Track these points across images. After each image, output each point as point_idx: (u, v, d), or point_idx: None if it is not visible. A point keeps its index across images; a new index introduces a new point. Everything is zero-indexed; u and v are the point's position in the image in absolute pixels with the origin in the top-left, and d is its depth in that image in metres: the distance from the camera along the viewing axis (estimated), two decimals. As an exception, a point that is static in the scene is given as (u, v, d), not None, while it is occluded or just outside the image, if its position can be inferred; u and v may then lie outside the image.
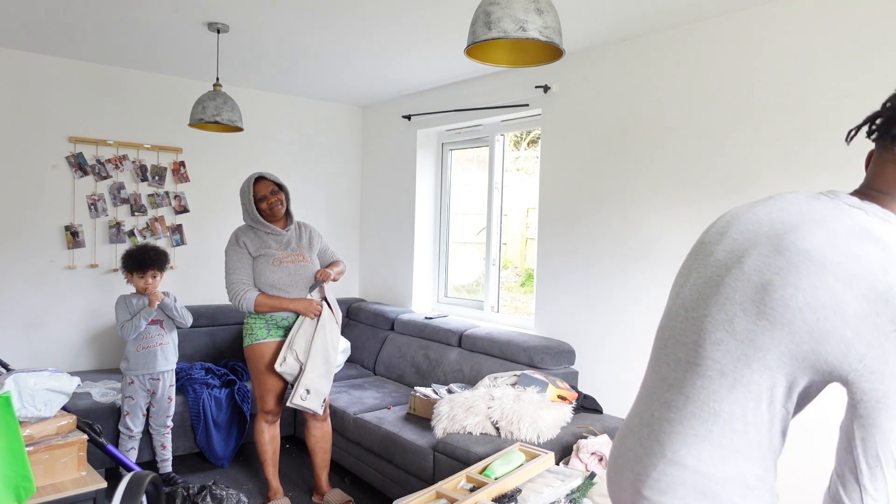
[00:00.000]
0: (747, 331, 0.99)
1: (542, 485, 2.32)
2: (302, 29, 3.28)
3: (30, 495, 1.84)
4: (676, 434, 1.05)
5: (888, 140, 1.03)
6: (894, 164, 1.03)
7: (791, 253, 0.98)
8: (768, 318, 0.97)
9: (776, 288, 0.97)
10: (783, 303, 0.96)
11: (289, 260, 3.11)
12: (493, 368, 3.50)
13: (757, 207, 1.11)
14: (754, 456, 1.02)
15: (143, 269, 3.27)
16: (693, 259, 1.17)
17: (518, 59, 2.10)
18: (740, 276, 1.03)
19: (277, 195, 3.09)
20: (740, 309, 1.01)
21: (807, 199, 1.07)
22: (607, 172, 3.40)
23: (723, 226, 1.15)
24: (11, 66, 3.80)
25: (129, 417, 3.31)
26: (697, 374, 1.05)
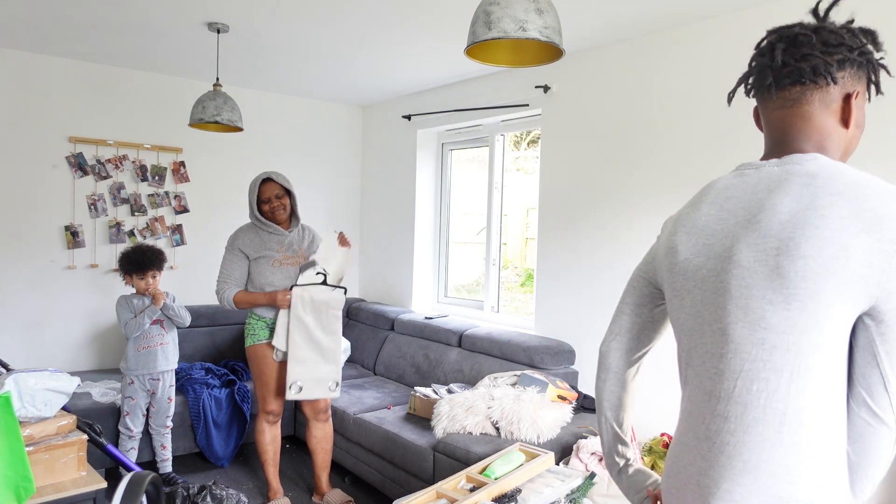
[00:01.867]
0: (784, 319, 0.98)
1: (542, 485, 2.32)
2: (302, 29, 3.28)
3: (30, 495, 1.84)
4: (743, 444, 1.01)
5: (765, 91, 1.10)
6: (781, 109, 1.09)
7: (777, 230, 0.99)
8: (798, 299, 0.96)
9: (787, 268, 0.96)
10: (802, 276, 0.95)
11: (289, 262, 3.10)
12: (493, 368, 3.50)
13: (701, 207, 1.12)
14: (829, 445, 1.00)
15: (143, 270, 3.27)
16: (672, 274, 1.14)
17: (518, 59, 2.10)
18: (743, 272, 1.02)
19: (282, 199, 3.07)
20: (765, 302, 0.99)
21: (739, 181, 1.10)
22: (607, 172, 3.40)
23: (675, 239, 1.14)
24: (11, 66, 3.80)
25: (129, 417, 3.31)
26: (750, 378, 1.01)
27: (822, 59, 1.04)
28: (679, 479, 1.11)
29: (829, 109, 1.07)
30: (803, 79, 1.06)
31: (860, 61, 1.06)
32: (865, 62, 1.07)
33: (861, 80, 1.08)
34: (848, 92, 1.07)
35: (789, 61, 1.06)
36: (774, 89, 1.08)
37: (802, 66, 1.05)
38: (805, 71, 1.05)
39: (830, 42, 1.05)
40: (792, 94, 1.08)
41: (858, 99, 1.08)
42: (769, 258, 0.98)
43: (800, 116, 1.08)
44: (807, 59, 1.05)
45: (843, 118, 1.08)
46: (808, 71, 1.05)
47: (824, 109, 1.07)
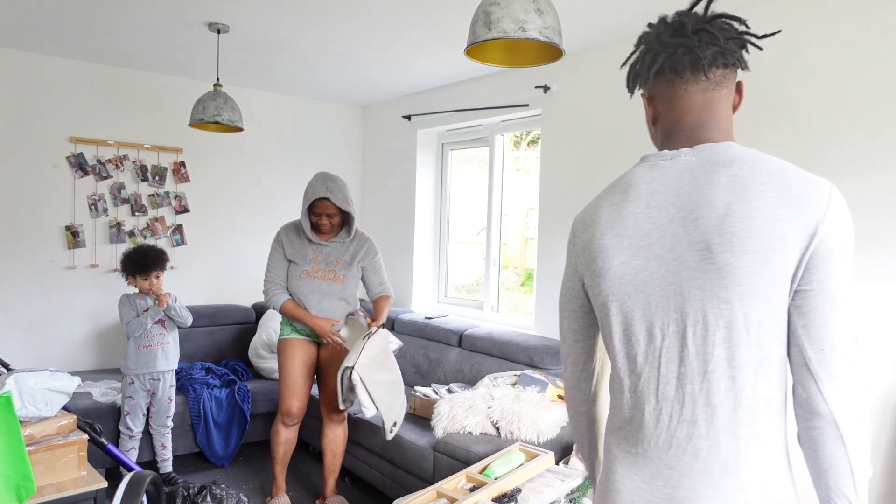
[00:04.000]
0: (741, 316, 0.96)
1: (542, 484, 2.32)
2: (302, 29, 3.28)
3: (30, 495, 1.85)
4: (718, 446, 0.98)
5: (689, 71, 1.05)
6: (703, 92, 1.05)
7: (716, 226, 0.97)
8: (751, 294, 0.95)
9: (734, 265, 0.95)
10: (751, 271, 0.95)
11: (318, 275, 3.03)
12: (493, 368, 3.50)
13: (625, 206, 1.06)
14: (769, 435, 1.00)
15: (147, 270, 3.27)
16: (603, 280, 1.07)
17: (518, 60, 2.11)
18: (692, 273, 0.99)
19: (332, 219, 2.96)
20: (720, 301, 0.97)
21: (656, 174, 1.06)
22: (607, 172, 3.40)
23: (604, 242, 1.08)
24: (11, 66, 3.81)
25: (130, 417, 3.31)
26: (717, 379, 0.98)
27: (739, 41, 1.04)
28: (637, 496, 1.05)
29: (730, 95, 1.08)
30: (729, 60, 1.04)
31: (741, 44, 1.07)
32: (743, 46, 1.07)
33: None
34: (739, 79, 1.09)
35: (716, 41, 1.03)
36: (706, 68, 1.03)
37: (732, 47, 1.04)
38: (731, 52, 1.04)
39: (735, 27, 1.06)
40: (716, 76, 1.05)
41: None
42: (714, 256, 0.97)
43: (717, 100, 1.06)
44: (733, 40, 1.04)
45: (735, 104, 1.10)
46: (733, 52, 1.04)
47: (728, 95, 1.08)
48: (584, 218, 1.14)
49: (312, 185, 2.93)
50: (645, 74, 1.10)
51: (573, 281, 1.17)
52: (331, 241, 3.06)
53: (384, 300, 3.17)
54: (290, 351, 3.05)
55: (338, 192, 2.91)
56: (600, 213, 1.10)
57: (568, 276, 1.19)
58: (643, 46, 1.11)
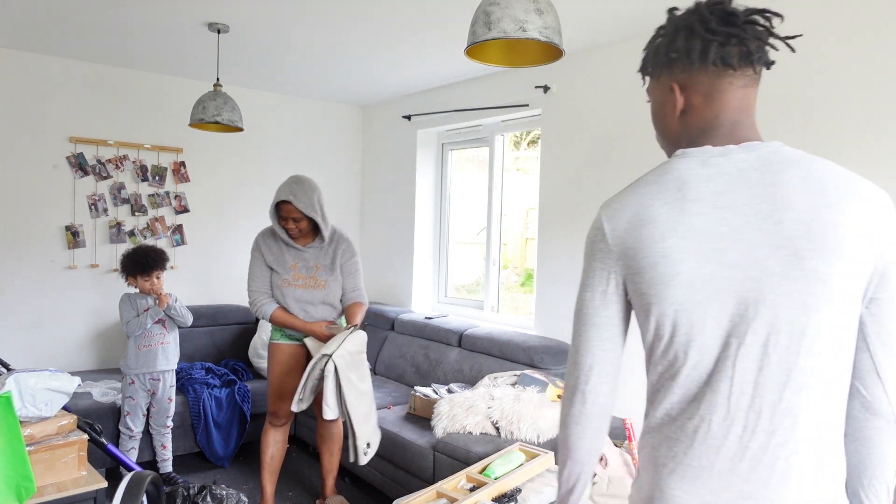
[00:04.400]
0: (828, 325, 0.94)
1: (542, 484, 2.32)
2: (302, 29, 3.28)
3: (30, 495, 1.85)
4: (796, 454, 0.95)
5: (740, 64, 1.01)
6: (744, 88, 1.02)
7: (802, 231, 0.93)
8: (836, 303, 0.93)
9: (825, 272, 0.92)
10: (841, 279, 0.92)
11: (299, 283, 2.92)
12: (493, 368, 3.50)
13: (687, 206, 0.97)
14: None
15: (147, 271, 3.27)
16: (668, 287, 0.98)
17: (518, 60, 2.11)
18: (777, 280, 0.93)
19: (299, 224, 2.85)
20: (807, 309, 0.93)
21: (712, 171, 0.99)
22: (607, 172, 3.40)
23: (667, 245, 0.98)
24: (11, 66, 3.81)
25: (130, 417, 3.31)
26: (797, 388, 0.94)
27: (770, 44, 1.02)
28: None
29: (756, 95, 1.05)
30: (765, 59, 1.02)
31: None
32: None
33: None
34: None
35: (763, 36, 1.00)
36: (755, 63, 1.00)
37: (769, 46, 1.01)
38: (761, 51, 1.01)
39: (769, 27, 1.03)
40: (757, 72, 1.02)
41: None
42: (804, 262, 0.92)
43: (752, 97, 1.04)
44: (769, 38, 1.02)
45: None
46: (766, 53, 1.02)
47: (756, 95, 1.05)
48: (628, 217, 1.02)
49: (280, 187, 2.84)
50: (689, 61, 1.02)
51: (607, 284, 1.06)
52: (309, 247, 2.95)
53: (357, 307, 2.99)
54: (278, 355, 2.98)
55: (302, 195, 2.78)
56: (654, 213, 0.99)
57: (598, 280, 1.06)
58: (683, 31, 1.03)
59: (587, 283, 1.08)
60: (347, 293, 3.02)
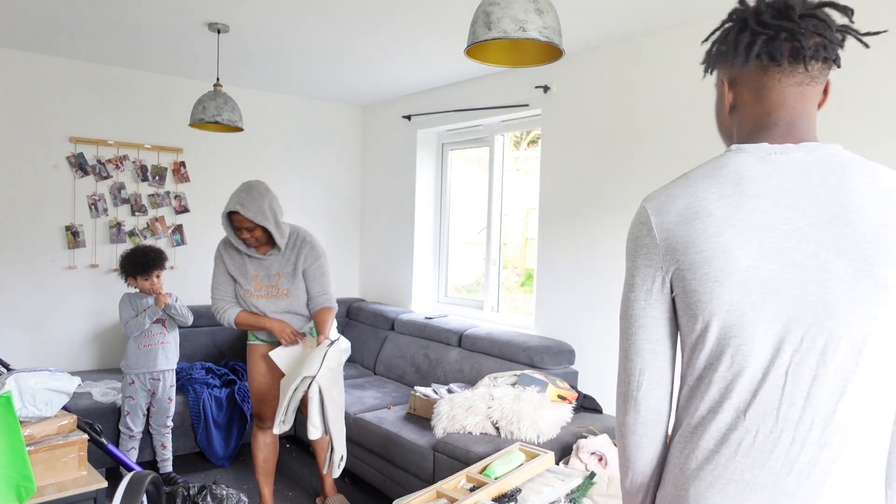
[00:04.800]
0: (888, 335, 0.90)
1: (542, 484, 2.32)
2: (302, 29, 3.28)
3: (31, 495, 1.85)
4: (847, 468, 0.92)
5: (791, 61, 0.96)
6: (798, 85, 0.97)
7: (872, 235, 0.89)
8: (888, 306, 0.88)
9: (886, 278, 0.88)
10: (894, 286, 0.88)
11: (261, 293, 2.83)
12: (493, 368, 3.50)
13: (747, 201, 0.93)
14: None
15: (147, 271, 3.27)
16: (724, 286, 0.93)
17: (518, 60, 2.11)
18: (842, 284, 0.90)
19: (253, 233, 2.74)
20: (871, 318, 0.89)
21: (772, 168, 0.95)
22: (607, 172, 3.40)
23: (724, 241, 0.93)
24: (11, 66, 3.81)
25: (130, 417, 3.31)
26: (852, 401, 0.91)
27: (836, 39, 0.95)
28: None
29: (819, 94, 0.99)
30: (829, 55, 0.94)
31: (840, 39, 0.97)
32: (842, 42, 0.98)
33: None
34: (828, 79, 0.99)
35: (823, 32, 0.93)
36: (807, 60, 0.94)
37: (832, 42, 0.94)
38: (836, 46, 0.94)
39: (832, 22, 0.95)
40: (813, 69, 0.95)
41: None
42: (872, 268, 0.88)
43: (811, 97, 0.97)
44: (833, 34, 0.94)
45: (819, 104, 1.00)
46: (833, 48, 0.94)
47: (819, 93, 0.99)
48: (679, 209, 0.96)
49: (230, 196, 2.74)
50: (735, 55, 0.98)
51: (653, 283, 0.99)
52: (270, 254, 2.83)
53: (325, 312, 2.87)
54: (255, 356, 2.93)
55: (250, 204, 2.66)
56: (710, 206, 0.93)
57: (644, 278, 1.00)
58: (735, 24, 0.99)
59: (632, 282, 1.02)
60: (313, 298, 2.89)
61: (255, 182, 2.77)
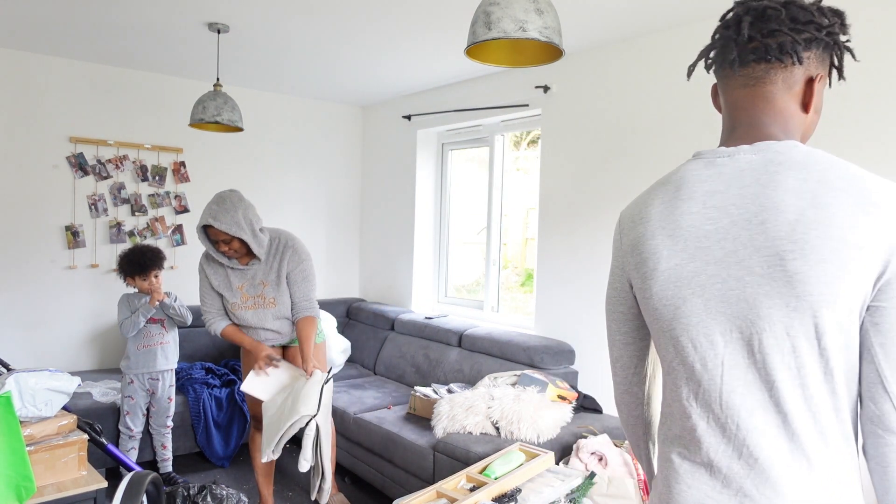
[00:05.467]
0: (807, 325, 0.92)
1: (542, 484, 2.32)
2: (302, 29, 3.28)
3: (31, 495, 1.85)
4: (791, 452, 0.94)
5: (728, 67, 1.03)
6: (743, 87, 1.02)
7: (787, 231, 0.92)
8: (820, 304, 0.91)
9: (806, 273, 0.91)
10: (823, 281, 0.90)
11: (247, 305, 2.79)
12: (493, 368, 3.50)
13: (679, 205, 1.01)
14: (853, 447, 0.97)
15: (145, 270, 3.27)
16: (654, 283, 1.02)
17: (518, 60, 2.11)
18: (759, 280, 0.94)
19: (230, 245, 2.67)
20: (790, 310, 0.92)
21: (713, 171, 1.00)
22: (607, 172, 3.41)
23: (655, 243, 1.02)
24: (11, 66, 3.81)
25: (129, 417, 3.31)
26: (785, 387, 0.94)
27: (790, 37, 0.97)
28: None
29: (791, 92, 1.01)
30: (769, 56, 0.99)
31: (827, 42, 1.00)
32: (832, 44, 1.00)
33: (824, 63, 1.02)
34: (811, 75, 1.01)
35: (755, 36, 0.99)
36: (738, 65, 1.01)
37: (769, 42, 0.98)
38: (771, 48, 0.98)
39: (799, 19, 0.98)
40: (756, 71, 1.01)
41: (820, 83, 1.02)
42: (786, 263, 0.92)
43: (762, 97, 1.01)
44: (774, 34, 0.98)
45: (804, 102, 1.02)
46: (774, 48, 0.98)
47: (787, 91, 1.01)
48: (632, 215, 1.08)
49: (204, 209, 2.67)
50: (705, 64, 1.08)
51: (621, 281, 1.11)
52: (252, 264, 2.77)
53: (307, 325, 2.79)
54: (249, 358, 2.92)
55: (223, 216, 2.59)
56: (650, 211, 1.04)
57: (615, 277, 1.13)
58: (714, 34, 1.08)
59: (609, 280, 1.16)
60: (296, 304, 2.83)
61: (227, 193, 2.69)
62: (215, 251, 2.71)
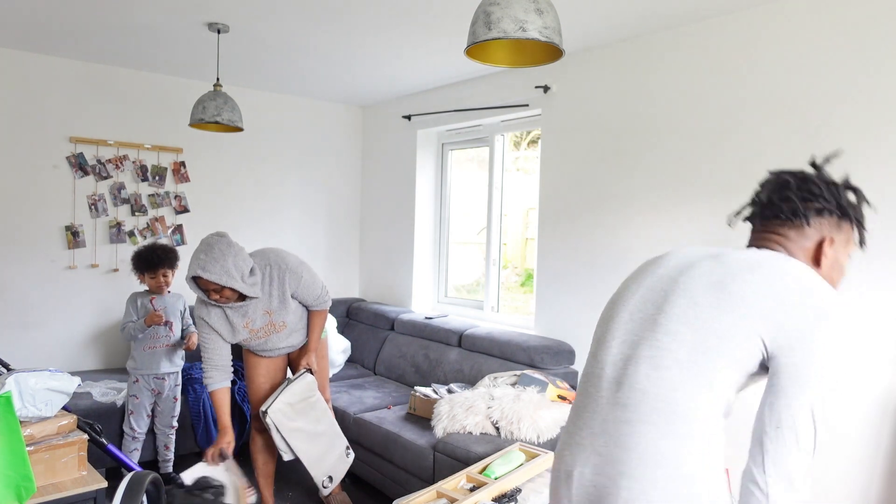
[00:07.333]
0: (702, 321, 1.10)
1: (542, 484, 2.32)
2: (302, 29, 3.28)
3: (30, 495, 1.85)
4: (641, 434, 1.07)
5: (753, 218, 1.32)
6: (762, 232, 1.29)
7: (732, 261, 1.16)
8: (722, 308, 1.10)
9: (727, 284, 1.12)
10: (739, 295, 1.10)
11: (258, 336, 2.79)
12: (493, 368, 3.50)
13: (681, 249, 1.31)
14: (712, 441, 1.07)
15: (154, 268, 3.29)
16: (634, 280, 1.29)
17: (518, 60, 2.11)
18: (693, 276, 1.17)
19: (222, 293, 2.58)
20: (696, 301, 1.13)
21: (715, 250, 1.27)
22: (607, 172, 3.40)
23: (656, 259, 1.31)
24: (11, 66, 3.80)
25: (134, 417, 3.31)
26: (652, 366, 1.10)
27: (800, 204, 1.22)
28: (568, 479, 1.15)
29: (803, 247, 1.24)
30: (782, 215, 1.24)
31: (839, 214, 1.23)
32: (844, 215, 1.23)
33: (841, 230, 1.24)
34: (823, 237, 1.23)
35: (774, 200, 1.26)
36: (759, 219, 1.29)
37: (782, 206, 1.24)
38: (783, 210, 1.24)
39: (811, 191, 1.23)
40: (772, 225, 1.27)
41: (834, 245, 1.23)
42: (717, 275, 1.15)
43: (776, 241, 1.26)
44: (787, 200, 1.24)
45: (816, 258, 1.24)
46: (786, 210, 1.24)
47: (799, 245, 1.24)
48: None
49: (191, 257, 2.59)
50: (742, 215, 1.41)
51: None
52: (249, 300, 2.68)
53: (316, 318, 2.89)
54: (252, 359, 2.95)
55: (212, 266, 2.50)
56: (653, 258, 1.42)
57: None
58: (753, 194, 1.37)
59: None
60: (310, 305, 2.87)
61: (215, 239, 2.59)
62: (208, 299, 2.63)
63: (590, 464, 1.12)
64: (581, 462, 1.14)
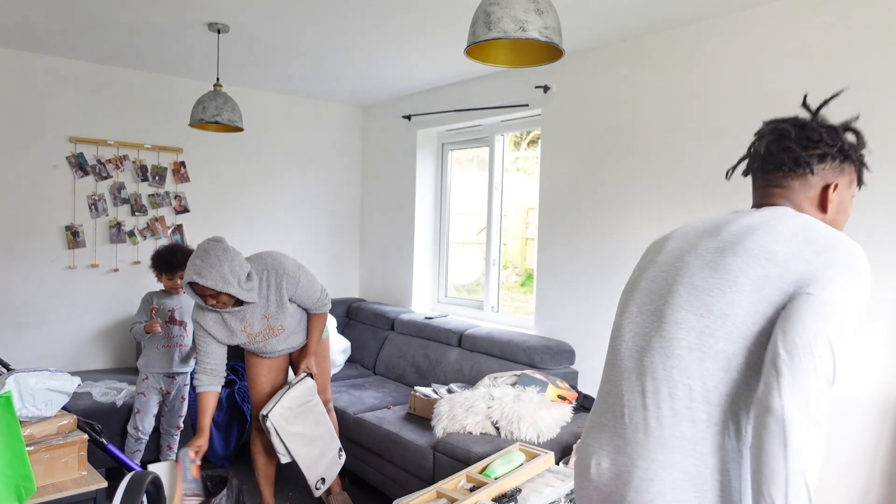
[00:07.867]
0: (704, 305, 1.11)
1: (542, 484, 2.32)
2: (302, 29, 3.28)
3: (30, 495, 1.85)
4: (657, 419, 1.10)
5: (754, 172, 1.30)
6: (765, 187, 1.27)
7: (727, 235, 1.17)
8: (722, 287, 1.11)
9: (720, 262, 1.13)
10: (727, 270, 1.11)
11: (257, 340, 2.79)
12: (493, 368, 3.50)
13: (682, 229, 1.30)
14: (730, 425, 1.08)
15: (172, 270, 3.29)
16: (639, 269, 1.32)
17: (518, 60, 2.11)
18: (690, 261, 1.18)
19: (218, 298, 2.55)
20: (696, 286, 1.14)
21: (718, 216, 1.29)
22: (607, 172, 3.40)
23: (659, 242, 1.33)
24: (11, 66, 3.81)
25: (140, 417, 3.31)
26: (665, 356, 1.13)
27: (801, 153, 1.20)
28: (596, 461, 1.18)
29: (807, 196, 1.22)
30: (784, 167, 1.22)
31: (841, 157, 1.21)
32: (848, 159, 1.22)
33: (843, 173, 1.22)
34: (827, 183, 1.21)
35: (774, 151, 1.23)
36: (760, 173, 1.27)
37: (783, 157, 1.22)
38: (785, 161, 1.22)
39: (812, 138, 1.20)
40: (775, 178, 1.25)
41: (838, 190, 1.22)
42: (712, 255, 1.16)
43: (779, 195, 1.24)
44: (788, 151, 1.21)
45: (821, 205, 1.23)
46: (788, 161, 1.22)
47: (803, 195, 1.22)
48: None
49: (188, 262, 2.56)
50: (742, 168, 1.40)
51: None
52: (247, 304, 2.67)
53: (316, 321, 2.90)
54: (253, 359, 2.93)
55: (208, 271, 2.47)
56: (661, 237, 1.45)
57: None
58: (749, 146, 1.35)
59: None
60: (309, 308, 2.88)
61: (211, 245, 2.55)
62: (204, 304, 2.62)
63: (610, 446, 1.17)
64: (602, 444, 1.19)
